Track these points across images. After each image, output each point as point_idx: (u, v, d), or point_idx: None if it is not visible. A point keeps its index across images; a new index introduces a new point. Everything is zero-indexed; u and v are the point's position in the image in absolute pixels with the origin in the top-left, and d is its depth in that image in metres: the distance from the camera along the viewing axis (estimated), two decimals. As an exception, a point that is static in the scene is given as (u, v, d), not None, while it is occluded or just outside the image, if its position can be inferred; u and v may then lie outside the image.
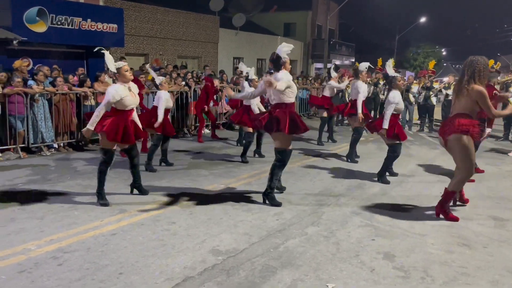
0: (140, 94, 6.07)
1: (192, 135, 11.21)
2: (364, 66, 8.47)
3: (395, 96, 6.58)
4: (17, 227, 4.47)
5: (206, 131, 11.48)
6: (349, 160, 8.31)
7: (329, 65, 27.39)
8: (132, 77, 5.31)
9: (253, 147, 8.41)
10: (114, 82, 9.80)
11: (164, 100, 6.98)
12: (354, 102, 8.14)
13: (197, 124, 11.80)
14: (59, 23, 12.50)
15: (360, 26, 39.68)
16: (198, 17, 19.37)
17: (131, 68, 11.19)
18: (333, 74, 10.69)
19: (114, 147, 5.24)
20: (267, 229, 4.63)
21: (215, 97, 11.29)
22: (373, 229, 4.71)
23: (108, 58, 5.19)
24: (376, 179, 6.85)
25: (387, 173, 6.94)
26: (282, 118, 5.21)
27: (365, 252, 4.09)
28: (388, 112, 6.51)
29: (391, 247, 4.23)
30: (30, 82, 8.26)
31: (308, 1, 29.44)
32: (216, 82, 11.13)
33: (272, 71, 5.57)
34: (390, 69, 6.94)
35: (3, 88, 7.84)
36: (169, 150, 7.76)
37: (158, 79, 7.35)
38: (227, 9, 23.22)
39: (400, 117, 7.33)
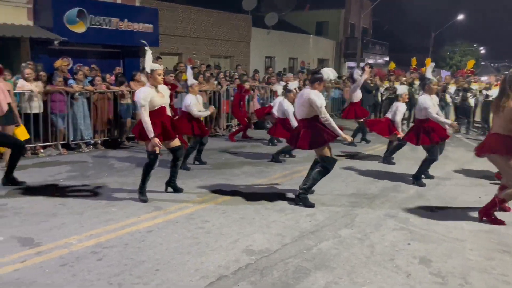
0: (171, 95, 6.18)
1: (224, 134, 11.30)
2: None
3: (423, 101, 6.37)
4: (59, 222, 4.65)
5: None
6: (385, 162, 8.18)
7: (361, 64, 27.05)
8: (162, 82, 5.40)
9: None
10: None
11: (191, 106, 7.02)
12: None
13: (229, 124, 11.92)
14: (97, 23, 12.87)
15: (394, 24, 38.92)
16: (231, 16, 19.48)
17: (166, 68, 11.38)
18: (357, 76, 10.28)
19: (158, 151, 5.36)
20: (300, 230, 4.62)
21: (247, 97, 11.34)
22: (408, 233, 4.63)
23: (149, 57, 5.31)
24: (411, 181, 6.71)
25: (423, 176, 6.78)
26: (303, 135, 5.28)
27: (400, 256, 4.02)
28: (434, 116, 6.30)
29: (428, 251, 4.14)
30: (71, 81, 8.55)
31: (341, -1, 29.11)
32: (247, 85, 11.16)
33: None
34: (429, 71, 6.75)
35: (45, 86, 8.15)
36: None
37: (191, 81, 7.35)
38: (259, 8, 23.23)
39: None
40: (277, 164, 7.79)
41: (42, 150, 8.17)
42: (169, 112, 5.62)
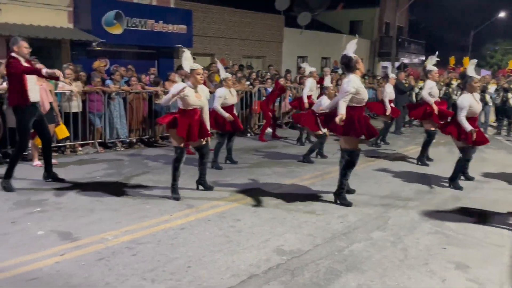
0: None
1: (254, 134, 11.34)
2: (431, 62, 8.08)
3: (463, 100, 6.14)
4: (96, 217, 4.81)
5: (268, 130, 11.55)
6: (419, 163, 7.99)
7: (396, 64, 26.47)
8: (201, 82, 5.46)
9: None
10: (183, 81, 10.22)
11: (217, 98, 7.03)
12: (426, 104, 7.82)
13: (260, 124, 11.95)
14: (133, 25, 13.23)
15: (432, 22, 37.79)
16: (264, 16, 19.54)
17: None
18: (307, 68, 10.08)
19: (182, 144, 5.45)
20: (332, 231, 4.59)
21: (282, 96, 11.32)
22: (444, 237, 4.51)
23: (187, 57, 5.38)
24: (447, 184, 6.53)
25: (463, 177, 6.57)
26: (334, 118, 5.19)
27: (435, 261, 3.93)
28: (462, 118, 6.09)
29: (464, 257, 4.02)
30: (108, 81, 8.82)
31: (376, -3, 28.59)
32: (282, 81, 11.18)
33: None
34: (471, 68, 6.50)
35: (84, 87, 8.44)
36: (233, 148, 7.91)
37: (224, 75, 7.33)
38: (292, 8, 23.15)
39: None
40: (308, 165, 7.76)
41: (80, 148, 8.46)
42: (206, 116, 5.68)
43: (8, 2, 11.39)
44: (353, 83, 5.10)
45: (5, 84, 7.38)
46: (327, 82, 8.10)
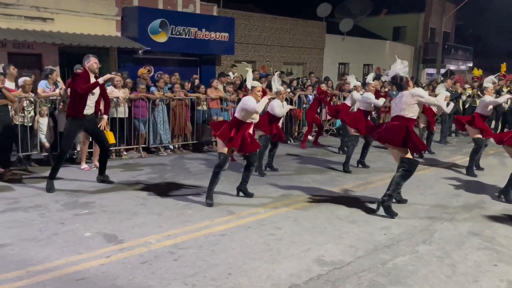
0: None
1: (295, 140, 11.28)
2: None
3: None
4: (139, 221, 4.93)
5: (309, 137, 11.46)
6: (468, 174, 7.68)
7: (442, 70, 25.64)
8: (260, 99, 5.63)
9: (356, 156, 8.17)
10: (224, 88, 10.32)
11: (276, 107, 7.21)
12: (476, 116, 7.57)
13: (301, 131, 11.87)
14: (177, 33, 13.55)
15: (480, 27, 36.27)
16: (305, 23, 19.47)
17: (241, 76, 11.64)
18: (353, 82, 9.61)
19: (230, 153, 5.53)
20: (374, 243, 4.47)
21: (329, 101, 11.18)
22: (494, 253, 4.29)
23: (249, 75, 5.76)
24: (499, 196, 6.22)
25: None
26: (395, 130, 5.16)
27: (485, 278, 3.74)
28: None
29: (518, 275, 3.80)
30: (153, 88, 9.06)
31: (421, 3, 27.82)
32: (324, 87, 11.10)
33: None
34: None
35: (130, 93, 8.72)
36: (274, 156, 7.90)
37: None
38: (333, 15, 22.97)
39: None
40: (349, 174, 7.61)
41: (125, 153, 8.73)
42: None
43: (61, 12, 11.96)
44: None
45: (57, 91, 7.76)
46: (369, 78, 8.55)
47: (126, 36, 13.04)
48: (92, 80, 6.07)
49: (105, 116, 6.52)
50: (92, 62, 6.12)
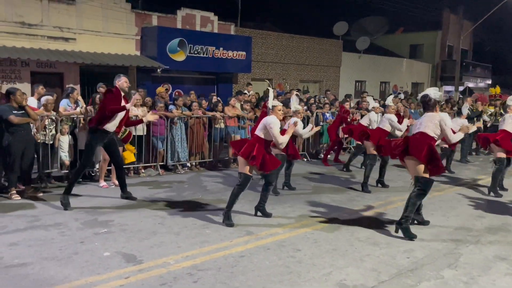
0: None
1: (313, 158, 11.20)
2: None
3: None
4: (158, 240, 4.91)
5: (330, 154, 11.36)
6: (492, 194, 7.49)
7: (460, 88, 25.34)
8: (281, 117, 5.75)
9: (375, 174, 8.05)
10: (252, 109, 10.33)
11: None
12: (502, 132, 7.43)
13: (318, 149, 11.79)
14: (195, 52, 13.75)
15: (498, 45, 35.90)
16: (321, 41, 19.56)
17: (257, 94, 11.68)
18: (371, 103, 9.48)
19: (251, 173, 5.51)
20: (397, 267, 4.35)
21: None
22: (524, 280, 4.12)
23: (271, 94, 5.83)
24: (524, 219, 6.03)
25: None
26: (419, 144, 5.09)
27: (516, 307, 3.58)
28: None
29: (550, 304, 3.64)
30: (171, 106, 9.14)
31: (438, 21, 27.75)
32: (347, 106, 11.10)
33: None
34: None
35: (149, 111, 8.80)
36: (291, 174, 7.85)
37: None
38: (350, 33, 23.04)
39: None
40: (368, 194, 7.49)
41: (143, 170, 8.78)
42: None
43: (83, 32, 12.27)
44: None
45: (78, 109, 7.89)
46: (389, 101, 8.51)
47: (145, 55, 13.28)
48: (122, 99, 6.38)
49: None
50: (122, 81, 6.42)
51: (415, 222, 5.63)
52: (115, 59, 12.17)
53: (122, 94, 6.42)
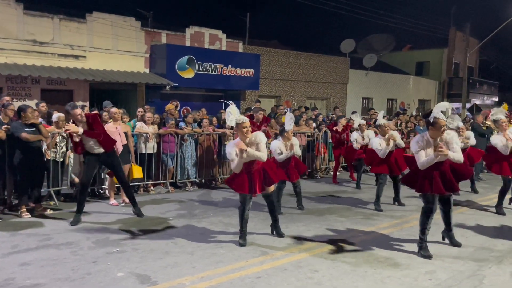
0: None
1: (321, 177, 11.08)
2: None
3: None
4: (172, 260, 4.79)
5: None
6: (496, 212, 7.39)
7: (467, 105, 25.25)
8: (249, 135, 5.29)
9: (389, 193, 7.92)
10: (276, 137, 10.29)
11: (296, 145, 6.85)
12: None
13: (327, 166, 11.69)
14: (204, 69, 13.81)
15: (505, 62, 35.97)
16: (329, 59, 19.64)
17: (264, 110, 11.61)
18: (357, 121, 9.39)
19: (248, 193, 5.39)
20: (420, 289, 4.20)
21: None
22: (553, 304, 3.96)
23: (234, 110, 5.29)
24: (546, 240, 5.86)
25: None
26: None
27: (549, 333, 3.42)
28: None
29: None
30: (181, 123, 9.11)
31: (444, 38, 27.87)
32: (344, 121, 11.00)
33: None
34: None
35: (158, 129, 8.77)
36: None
37: (288, 126, 6.81)
38: (357, 50, 23.15)
39: None
40: (383, 213, 7.34)
41: (152, 188, 8.69)
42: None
43: (93, 50, 12.38)
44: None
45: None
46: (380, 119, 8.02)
47: (154, 72, 13.35)
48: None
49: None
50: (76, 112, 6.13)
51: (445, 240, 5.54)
52: (124, 76, 12.23)
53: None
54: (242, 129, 5.20)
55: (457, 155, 4.97)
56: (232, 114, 5.24)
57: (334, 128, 10.77)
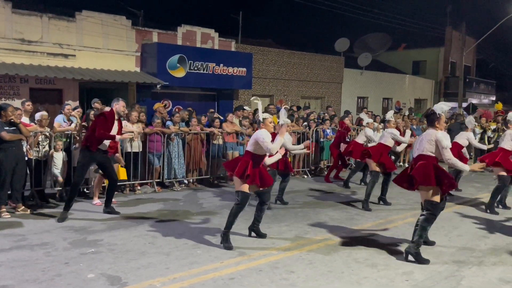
0: None
1: (312, 175, 11.01)
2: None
3: None
4: (146, 261, 4.72)
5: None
6: (488, 211, 7.31)
7: (464, 104, 25.16)
8: (272, 130, 5.56)
9: (377, 192, 7.86)
10: (251, 124, 10.20)
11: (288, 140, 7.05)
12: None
13: (317, 165, 11.61)
14: (195, 68, 13.69)
15: (502, 61, 35.87)
16: (323, 58, 19.52)
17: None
18: (365, 119, 9.35)
19: (250, 191, 5.33)
20: (395, 290, 4.13)
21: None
22: (530, 305, 3.89)
23: (260, 106, 5.70)
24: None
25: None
26: (425, 170, 4.90)
27: (521, 335, 3.35)
28: None
29: (558, 333, 3.40)
30: (168, 122, 9.03)
31: (441, 37, 27.76)
32: (347, 122, 10.98)
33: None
34: None
35: (144, 128, 8.69)
36: (288, 190, 7.67)
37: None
38: (352, 49, 23.05)
39: None
40: (368, 212, 7.28)
41: (139, 187, 8.61)
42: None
43: (82, 49, 12.27)
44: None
45: (72, 125, 7.79)
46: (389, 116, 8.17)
47: (145, 71, 13.24)
48: (116, 122, 6.52)
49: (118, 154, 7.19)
50: (120, 105, 6.56)
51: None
52: (114, 75, 12.13)
53: (116, 117, 6.54)
54: (268, 124, 5.51)
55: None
56: (260, 111, 5.68)
57: (344, 126, 10.69)
